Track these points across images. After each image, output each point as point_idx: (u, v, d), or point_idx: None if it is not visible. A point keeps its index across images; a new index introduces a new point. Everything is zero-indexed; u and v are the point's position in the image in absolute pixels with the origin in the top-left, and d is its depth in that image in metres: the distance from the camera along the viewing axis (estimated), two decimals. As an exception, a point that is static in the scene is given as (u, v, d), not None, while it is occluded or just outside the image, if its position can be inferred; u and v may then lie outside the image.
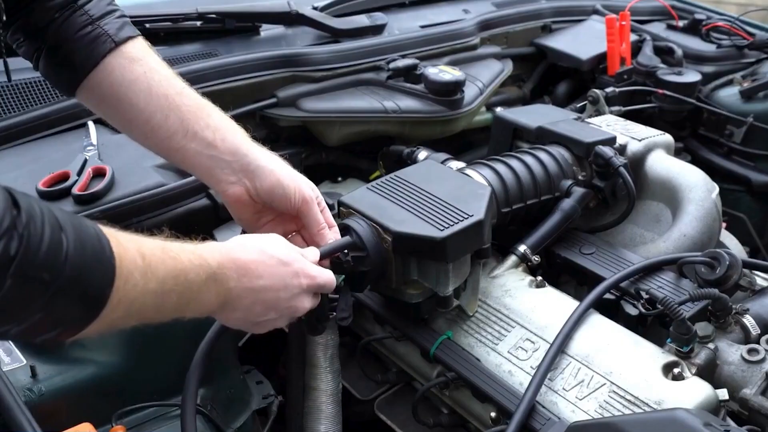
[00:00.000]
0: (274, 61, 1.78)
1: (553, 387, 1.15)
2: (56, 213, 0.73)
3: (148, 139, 1.07)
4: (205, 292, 0.89)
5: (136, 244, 0.81)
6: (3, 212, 0.67)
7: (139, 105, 1.03)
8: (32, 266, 0.69)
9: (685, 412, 0.93)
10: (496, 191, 1.36)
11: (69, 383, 1.11)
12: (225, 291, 0.92)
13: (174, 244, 0.87)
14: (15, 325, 0.71)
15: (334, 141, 1.81)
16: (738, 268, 1.26)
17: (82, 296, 0.75)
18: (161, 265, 0.83)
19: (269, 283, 0.96)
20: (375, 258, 1.16)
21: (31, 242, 0.68)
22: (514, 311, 1.27)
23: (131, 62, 1.03)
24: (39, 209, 0.71)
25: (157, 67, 1.06)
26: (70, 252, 0.72)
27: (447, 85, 1.79)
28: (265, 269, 0.96)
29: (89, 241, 0.75)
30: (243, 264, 0.94)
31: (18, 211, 0.68)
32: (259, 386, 1.35)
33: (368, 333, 1.43)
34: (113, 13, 1.07)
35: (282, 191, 1.08)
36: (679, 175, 1.53)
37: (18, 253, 0.67)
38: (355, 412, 1.46)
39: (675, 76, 2.07)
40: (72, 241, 0.72)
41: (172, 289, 0.84)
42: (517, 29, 2.25)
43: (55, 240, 0.71)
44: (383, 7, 2.14)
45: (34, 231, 0.69)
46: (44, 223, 0.71)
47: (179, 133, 1.04)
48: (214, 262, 0.90)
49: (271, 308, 0.99)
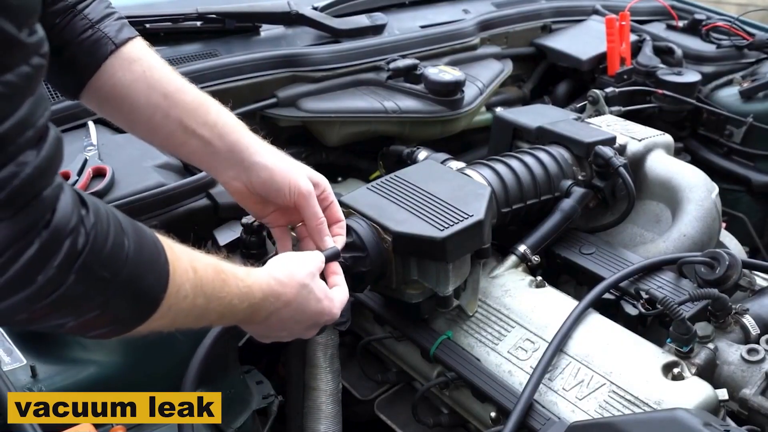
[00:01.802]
0: (274, 61, 1.78)
1: (553, 387, 1.15)
2: (119, 216, 0.76)
3: (152, 136, 1.10)
4: (241, 314, 0.94)
5: (189, 256, 0.85)
6: (72, 210, 0.69)
7: (140, 105, 1.04)
8: (96, 263, 0.71)
9: (685, 412, 0.93)
10: (496, 191, 1.36)
11: (69, 383, 1.11)
12: (256, 315, 0.97)
13: (225, 265, 0.91)
14: (72, 319, 0.74)
15: (334, 141, 1.81)
16: (738, 268, 1.26)
17: (137, 298, 0.78)
18: (210, 284, 0.86)
19: (299, 315, 1.01)
20: (375, 258, 1.16)
21: (97, 240, 0.71)
22: (514, 311, 1.27)
23: (131, 63, 1.04)
24: (104, 210, 0.74)
25: (156, 65, 1.07)
26: (131, 254, 0.75)
27: (447, 85, 1.79)
28: (299, 305, 1.00)
29: (147, 246, 0.78)
30: (284, 299, 0.98)
31: (87, 211, 0.71)
32: (259, 386, 1.35)
33: (368, 333, 1.43)
34: (112, 16, 1.08)
35: (275, 187, 1.10)
36: (679, 175, 1.53)
37: (84, 250, 0.70)
38: (355, 412, 1.46)
39: (675, 76, 2.07)
40: (133, 244, 0.75)
41: (215, 309, 0.88)
42: (517, 29, 2.25)
43: (118, 241, 0.74)
44: (383, 7, 2.14)
45: (99, 230, 0.72)
46: (109, 223, 0.74)
47: (178, 131, 1.06)
48: (259, 294, 0.94)
49: (286, 329, 1.04)
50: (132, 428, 1.10)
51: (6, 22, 0.61)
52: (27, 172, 0.65)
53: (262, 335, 1.05)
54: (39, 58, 0.66)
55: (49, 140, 0.68)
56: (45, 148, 0.67)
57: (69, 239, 0.68)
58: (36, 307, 0.69)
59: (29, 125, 0.65)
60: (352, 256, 1.16)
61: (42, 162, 0.66)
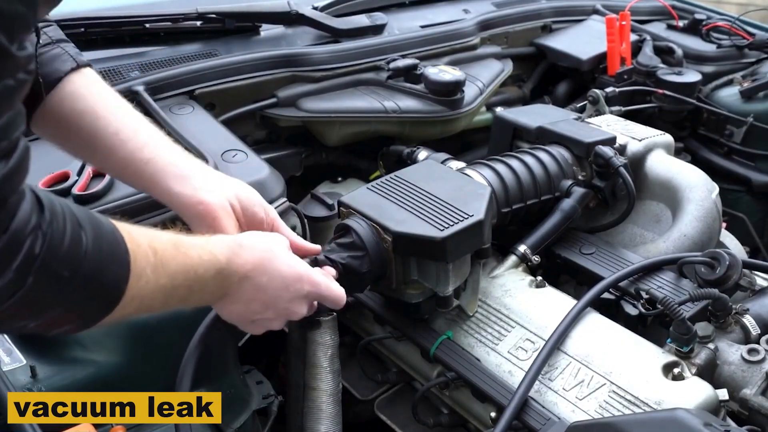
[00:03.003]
0: (274, 61, 1.78)
1: (553, 387, 1.15)
2: (75, 210, 0.75)
3: (115, 153, 1.04)
4: (212, 285, 0.92)
5: (148, 239, 0.84)
6: (30, 212, 0.69)
7: (107, 117, 1.02)
8: (54, 263, 0.71)
9: (685, 412, 0.93)
10: (496, 191, 1.36)
11: (69, 383, 1.11)
12: (228, 285, 0.95)
13: (185, 238, 0.90)
14: (32, 320, 0.74)
15: (334, 141, 1.81)
16: (738, 268, 1.26)
17: (98, 292, 0.77)
18: (172, 261, 0.85)
19: (272, 281, 0.98)
20: (375, 258, 1.16)
21: (54, 240, 0.71)
22: (514, 311, 1.27)
23: (94, 82, 1.03)
24: (60, 207, 0.73)
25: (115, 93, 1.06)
26: (89, 249, 0.74)
27: (447, 85, 1.79)
28: (270, 268, 0.98)
29: (106, 237, 0.77)
30: (251, 260, 0.96)
31: (42, 211, 0.71)
32: (259, 386, 1.35)
33: (368, 333, 1.43)
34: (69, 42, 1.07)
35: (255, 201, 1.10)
36: (679, 175, 1.53)
37: (41, 251, 0.69)
38: (355, 412, 1.46)
39: (675, 76, 2.07)
40: (90, 238, 0.75)
41: (181, 284, 0.87)
42: (517, 29, 2.25)
43: (75, 237, 0.73)
44: (383, 7, 2.14)
45: (56, 229, 0.71)
46: (65, 220, 0.73)
47: (150, 145, 1.04)
48: (223, 258, 0.92)
49: (269, 307, 1.01)
50: (132, 428, 1.10)
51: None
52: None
53: (247, 318, 1.02)
54: (25, 74, 0.67)
55: (18, 150, 0.68)
56: (13, 158, 0.67)
57: (26, 243, 0.68)
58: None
59: (4, 137, 0.65)
60: (352, 256, 1.16)
61: (10, 171, 0.66)
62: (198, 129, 1.53)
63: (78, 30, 1.73)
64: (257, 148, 1.68)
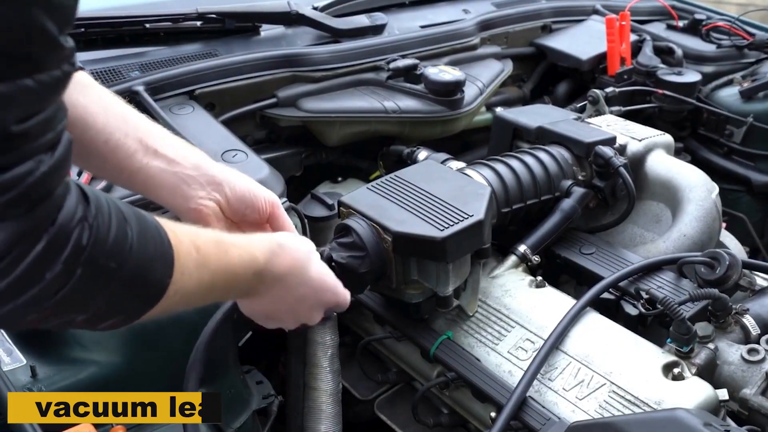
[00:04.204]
0: (274, 61, 1.78)
1: (553, 387, 1.15)
2: (120, 205, 0.76)
3: (107, 161, 1.04)
4: (248, 284, 0.94)
5: (191, 236, 0.85)
6: (75, 205, 0.70)
7: (96, 126, 1.00)
8: (101, 255, 0.72)
9: (685, 412, 0.93)
10: (496, 191, 1.36)
11: (69, 383, 1.11)
12: (263, 284, 0.96)
13: (226, 236, 0.91)
14: (82, 314, 0.74)
15: (334, 141, 1.81)
16: (738, 268, 1.26)
17: (144, 285, 0.78)
18: (214, 259, 0.86)
19: (301, 286, 1.00)
20: (375, 258, 1.16)
21: (101, 232, 0.71)
22: (514, 311, 1.27)
23: (84, 87, 1.01)
24: (105, 201, 0.74)
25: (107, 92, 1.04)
26: (134, 243, 0.75)
27: (447, 85, 1.79)
28: (304, 272, 1.00)
29: (150, 232, 0.78)
30: (288, 263, 0.97)
31: (88, 204, 0.72)
32: (259, 386, 1.35)
33: (368, 333, 1.43)
34: None
35: (252, 199, 1.08)
36: (679, 175, 1.53)
37: (89, 243, 0.70)
38: (355, 412, 1.46)
39: (675, 76, 2.07)
40: (136, 233, 0.75)
41: (221, 282, 0.88)
42: (517, 29, 2.25)
43: (121, 231, 0.74)
44: (383, 7, 2.14)
45: (102, 222, 0.72)
46: (111, 214, 0.74)
47: (140, 152, 1.03)
48: (262, 258, 0.94)
49: (292, 309, 1.03)
50: (132, 428, 1.10)
51: (49, 22, 0.62)
52: (42, 170, 0.65)
53: (267, 315, 1.04)
54: (69, 66, 0.67)
55: (63, 142, 0.69)
56: (59, 149, 0.68)
57: (74, 234, 0.69)
58: (45, 304, 0.70)
59: (49, 129, 0.66)
60: (352, 256, 1.16)
61: (56, 162, 0.67)
62: (198, 129, 1.53)
63: (78, 30, 1.73)
64: (257, 148, 1.68)
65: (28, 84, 0.62)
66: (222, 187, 1.06)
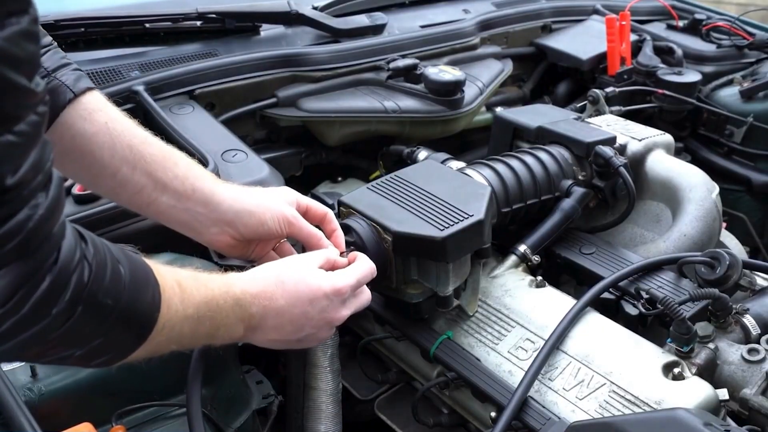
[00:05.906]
0: (274, 61, 1.78)
1: (553, 387, 1.15)
2: (109, 245, 0.80)
3: (118, 195, 1.06)
4: (233, 317, 0.94)
5: (172, 273, 0.88)
6: (75, 244, 0.73)
7: (103, 159, 1.00)
8: (100, 292, 0.75)
9: (685, 412, 0.93)
10: (496, 191, 1.36)
11: (69, 383, 1.11)
12: (248, 316, 0.97)
13: (203, 273, 0.93)
14: (79, 349, 0.77)
15: (334, 141, 1.81)
16: (738, 268, 1.26)
17: (135, 320, 0.80)
18: (196, 293, 0.89)
19: (290, 302, 0.99)
20: (375, 258, 1.16)
21: (99, 270, 0.75)
22: (514, 311, 1.27)
23: (91, 113, 1.00)
24: (99, 242, 0.78)
25: (117, 117, 1.03)
26: (127, 280, 0.78)
27: (447, 85, 1.79)
28: (282, 291, 0.99)
29: (139, 270, 0.82)
30: (261, 289, 0.98)
31: (86, 244, 0.75)
32: (259, 386, 1.34)
33: (368, 333, 1.43)
34: (68, 66, 1.03)
35: (265, 228, 1.09)
36: (679, 175, 1.53)
37: (89, 281, 0.73)
38: (355, 412, 1.46)
39: (675, 76, 2.07)
40: (127, 270, 0.79)
41: (206, 315, 0.90)
42: (517, 29, 2.25)
43: (115, 269, 0.77)
44: (383, 7, 2.14)
45: (100, 260, 0.75)
46: (106, 254, 0.77)
47: (148, 187, 1.03)
48: (237, 289, 0.95)
49: (303, 325, 1.02)
50: (132, 428, 1.10)
51: (19, 76, 0.63)
52: (40, 213, 0.67)
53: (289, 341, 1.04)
54: (43, 106, 0.68)
55: (54, 181, 0.71)
56: (52, 188, 0.70)
57: (76, 273, 0.72)
58: (48, 339, 0.72)
59: (39, 170, 0.68)
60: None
61: (51, 202, 0.69)
62: (198, 129, 1.53)
63: (78, 30, 1.73)
64: (257, 148, 1.68)
65: (10, 139, 0.63)
66: (232, 224, 1.08)
